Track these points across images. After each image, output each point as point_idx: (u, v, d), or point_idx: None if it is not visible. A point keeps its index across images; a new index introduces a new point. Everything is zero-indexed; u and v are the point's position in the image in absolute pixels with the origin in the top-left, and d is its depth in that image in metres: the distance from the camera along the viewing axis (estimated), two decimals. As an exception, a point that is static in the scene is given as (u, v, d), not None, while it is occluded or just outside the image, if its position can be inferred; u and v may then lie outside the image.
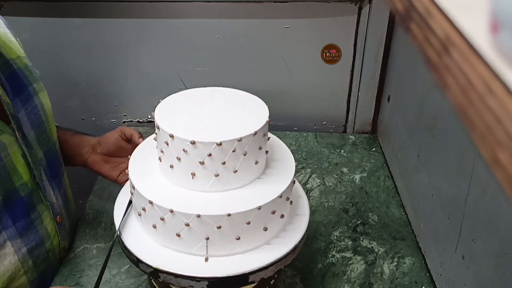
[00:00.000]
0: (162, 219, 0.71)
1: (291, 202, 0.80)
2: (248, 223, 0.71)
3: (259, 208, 0.70)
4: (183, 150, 0.70)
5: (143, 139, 0.89)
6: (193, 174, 0.72)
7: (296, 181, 0.88)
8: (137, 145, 0.88)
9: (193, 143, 0.69)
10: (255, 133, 0.71)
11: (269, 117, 0.76)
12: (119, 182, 0.94)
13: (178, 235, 0.71)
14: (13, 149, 0.76)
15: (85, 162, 0.96)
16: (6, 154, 0.74)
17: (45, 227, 0.81)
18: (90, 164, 0.96)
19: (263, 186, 0.76)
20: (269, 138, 0.81)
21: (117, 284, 0.89)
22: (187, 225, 0.69)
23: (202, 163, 0.70)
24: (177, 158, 0.71)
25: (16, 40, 0.89)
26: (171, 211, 0.69)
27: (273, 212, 0.73)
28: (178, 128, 0.71)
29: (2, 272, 0.73)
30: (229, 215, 0.69)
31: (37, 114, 0.84)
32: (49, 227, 0.82)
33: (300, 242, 0.78)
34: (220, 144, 0.69)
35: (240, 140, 0.70)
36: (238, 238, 0.72)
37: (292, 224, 0.80)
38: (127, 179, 0.89)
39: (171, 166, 0.73)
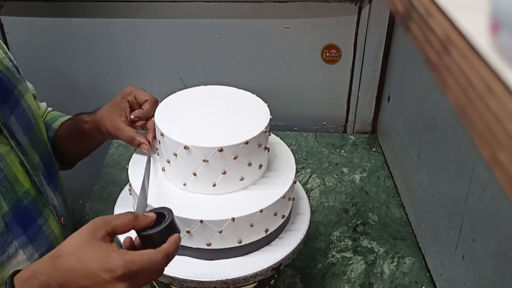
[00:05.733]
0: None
1: (283, 217, 0.79)
2: (221, 231, 0.71)
3: (233, 219, 0.70)
4: (185, 149, 0.70)
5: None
6: (195, 174, 0.72)
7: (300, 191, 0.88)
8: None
9: (190, 147, 0.69)
10: (247, 142, 0.70)
11: (270, 119, 0.76)
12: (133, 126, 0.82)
13: None
14: (11, 158, 0.74)
15: (98, 125, 0.85)
16: (5, 164, 0.73)
17: (52, 230, 0.81)
18: (98, 119, 0.84)
19: (264, 189, 0.76)
20: (268, 149, 0.79)
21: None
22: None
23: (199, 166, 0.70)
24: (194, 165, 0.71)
25: None
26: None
27: (251, 225, 0.72)
28: (182, 134, 0.71)
29: None
30: (201, 221, 0.69)
31: (26, 117, 0.82)
32: (56, 230, 0.82)
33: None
34: (221, 150, 0.69)
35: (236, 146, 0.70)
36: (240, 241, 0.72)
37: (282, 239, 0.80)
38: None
39: (194, 173, 0.73)
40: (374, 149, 1.32)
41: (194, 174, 0.71)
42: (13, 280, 0.57)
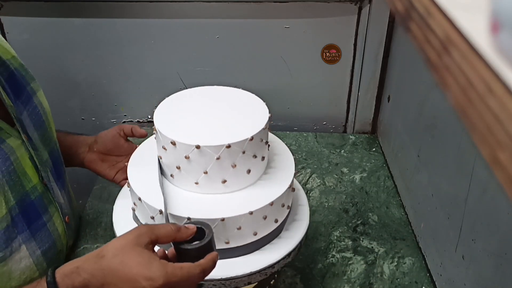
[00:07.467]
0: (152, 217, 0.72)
1: (288, 207, 0.80)
2: (239, 228, 0.71)
3: (251, 213, 0.70)
4: (185, 157, 0.70)
5: (145, 132, 0.91)
6: (200, 176, 0.72)
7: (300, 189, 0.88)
8: (139, 137, 0.90)
9: (198, 147, 0.69)
10: (252, 138, 0.71)
11: (269, 117, 0.76)
12: (116, 181, 0.94)
13: None
14: (21, 152, 0.75)
15: (82, 162, 0.96)
16: (15, 158, 0.73)
17: (56, 228, 0.81)
18: (87, 163, 0.95)
19: (261, 189, 0.76)
20: (269, 145, 0.80)
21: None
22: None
23: (205, 172, 0.71)
24: (185, 157, 0.71)
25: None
26: (160, 212, 0.70)
27: (265, 217, 0.73)
28: (180, 134, 0.71)
29: (19, 275, 0.73)
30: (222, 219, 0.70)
31: (38, 114, 0.83)
32: (60, 228, 0.82)
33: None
34: (229, 146, 0.69)
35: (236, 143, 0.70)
36: (228, 242, 0.72)
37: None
38: (124, 178, 0.89)
39: (178, 167, 0.73)
40: (374, 149, 1.32)
41: (205, 172, 0.71)
42: (54, 273, 0.58)
